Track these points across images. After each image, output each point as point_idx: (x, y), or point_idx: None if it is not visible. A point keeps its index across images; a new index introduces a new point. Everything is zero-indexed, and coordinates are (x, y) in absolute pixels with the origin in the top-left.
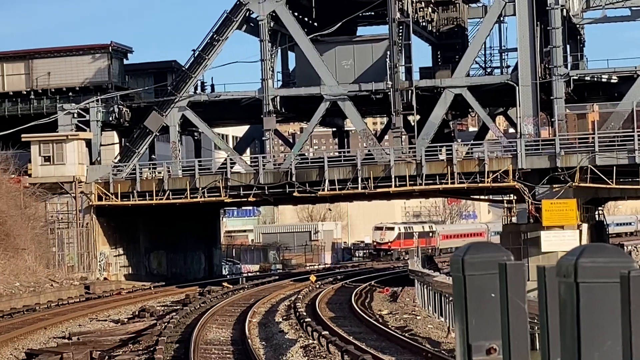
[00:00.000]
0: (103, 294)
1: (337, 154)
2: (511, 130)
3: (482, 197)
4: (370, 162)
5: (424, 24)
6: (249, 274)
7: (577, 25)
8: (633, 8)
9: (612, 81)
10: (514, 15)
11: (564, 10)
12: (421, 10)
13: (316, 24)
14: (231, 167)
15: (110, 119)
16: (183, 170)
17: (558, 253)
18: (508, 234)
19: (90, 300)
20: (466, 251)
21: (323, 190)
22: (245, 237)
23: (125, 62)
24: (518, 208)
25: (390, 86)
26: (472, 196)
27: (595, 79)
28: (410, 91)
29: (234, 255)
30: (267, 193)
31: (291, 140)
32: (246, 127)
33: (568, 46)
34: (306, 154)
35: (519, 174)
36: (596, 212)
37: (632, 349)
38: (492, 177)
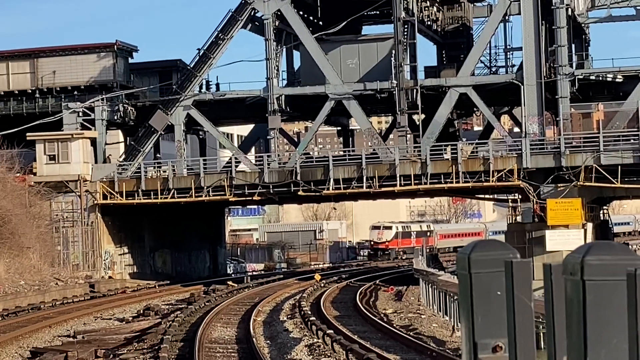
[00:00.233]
0: (108, 293)
1: (342, 153)
2: (516, 129)
3: (487, 197)
4: (375, 161)
5: (429, 23)
6: (254, 273)
7: (582, 24)
8: (638, 7)
9: (617, 80)
10: (519, 14)
11: (569, 9)
12: (426, 9)
13: (321, 23)
14: (236, 166)
15: (115, 118)
16: (188, 169)
17: (563, 252)
18: (513, 233)
19: (95, 298)
20: (472, 249)
21: (328, 189)
22: (250, 236)
23: (130, 61)
24: (523, 207)
25: (395, 85)
26: (477, 195)
27: (600, 78)
28: (415, 90)
29: (239, 254)
30: (272, 192)
31: (296, 139)
32: (251, 126)
33: (573, 45)
34: (311, 153)
35: (524, 173)
36: (601, 212)
37: (639, 346)
38: (497, 177)
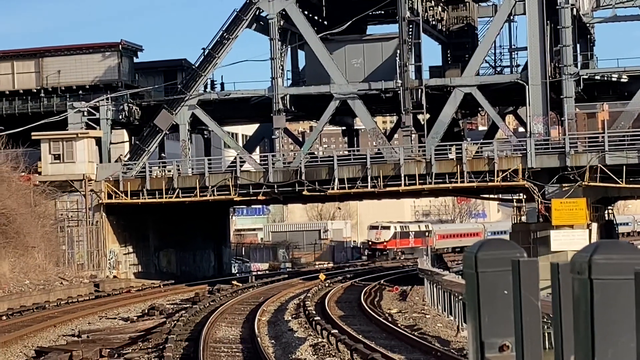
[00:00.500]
0: (113, 292)
1: (347, 153)
2: (521, 129)
3: (492, 196)
4: (379, 161)
5: (434, 23)
6: (258, 273)
7: (587, 24)
8: None
9: (622, 80)
10: (524, 14)
11: (574, 9)
12: (431, 9)
13: (326, 23)
14: (241, 166)
15: (120, 117)
16: (193, 168)
17: (567, 252)
18: (517, 233)
19: (99, 298)
20: (479, 248)
21: (332, 189)
22: (254, 236)
23: (135, 61)
24: (527, 207)
25: (400, 85)
26: (482, 195)
27: (605, 78)
28: (420, 90)
29: (244, 253)
30: (277, 192)
31: (301, 138)
32: (256, 126)
33: (578, 45)
34: (316, 153)
35: (529, 173)
36: (606, 212)
37: None
38: (502, 176)
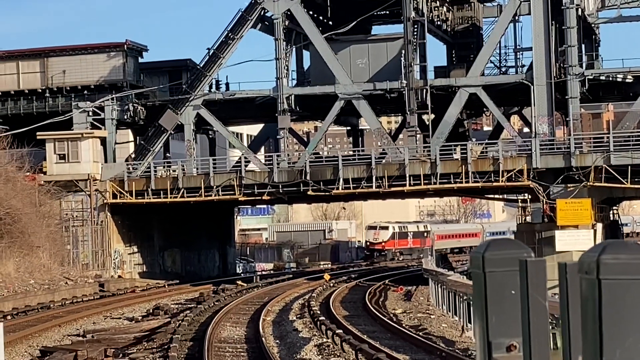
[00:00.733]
0: (117, 292)
1: (352, 153)
2: (526, 129)
3: (497, 197)
4: (384, 161)
5: (439, 23)
6: (263, 273)
7: (592, 24)
8: None
9: (627, 81)
10: (529, 14)
11: (579, 9)
12: (436, 9)
13: (331, 23)
14: (246, 166)
15: (125, 117)
16: (197, 168)
17: (572, 253)
18: (522, 233)
19: (104, 298)
20: (486, 248)
21: (337, 189)
22: (259, 236)
23: (140, 61)
24: (532, 207)
25: (404, 85)
26: (487, 195)
27: (610, 79)
28: (424, 90)
29: (248, 253)
30: (282, 191)
31: (305, 139)
32: (261, 126)
33: (583, 45)
34: (320, 153)
35: (534, 174)
36: (611, 212)
37: None
38: (507, 177)
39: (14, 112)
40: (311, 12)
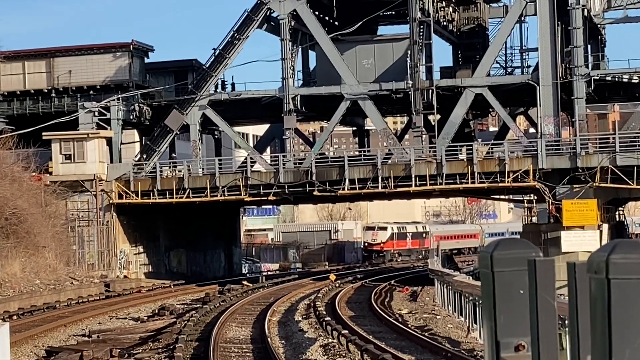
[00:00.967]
0: (123, 292)
1: (358, 153)
2: (532, 130)
3: (503, 197)
4: (390, 162)
5: (445, 24)
6: (269, 273)
7: (598, 25)
8: None
9: (633, 81)
10: (535, 15)
11: (585, 10)
12: (442, 9)
13: (337, 23)
14: (251, 166)
15: (131, 118)
16: (203, 168)
17: (578, 253)
18: (528, 234)
19: (110, 298)
20: (495, 247)
21: (343, 189)
22: (265, 236)
23: (146, 61)
24: (538, 208)
25: (410, 85)
26: (493, 196)
27: (616, 79)
28: (430, 90)
29: (254, 254)
30: (287, 192)
31: (311, 139)
32: (266, 126)
33: (589, 46)
34: (326, 153)
35: (540, 174)
36: (617, 213)
37: None
38: (513, 177)
39: (20, 112)
40: (317, 13)
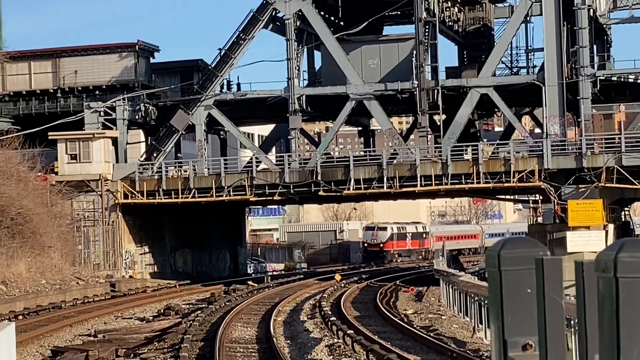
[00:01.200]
0: (128, 292)
1: (363, 153)
2: (537, 130)
3: (508, 197)
4: (395, 162)
5: (450, 24)
6: (274, 273)
7: (604, 25)
8: None
9: (639, 82)
10: (541, 15)
11: (591, 10)
12: (447, 9)
13: (342, 23)
14: (257, 166)
15: (136, 118)
16: (209, 168)
17: (584, 254)
18: (533, 234)
19: (115, 298)
20: (502, 246)
21: (348, 189)
22: (270, 236)
23: (151, 61)
24: (544, 208)
25: (416, 86)
26: (498, 196)
27: (622, 79)
28: (436, 91)
29: (259, 254)
30: (293, 192)
31: (317, 139)
32: (272, 126)
33: (595, 46)
34: (332, 153)
35: (545, 174)
36: (622, 213)
37: None
38: (518, 177)
39: (26, 112)
40: (322, 13)
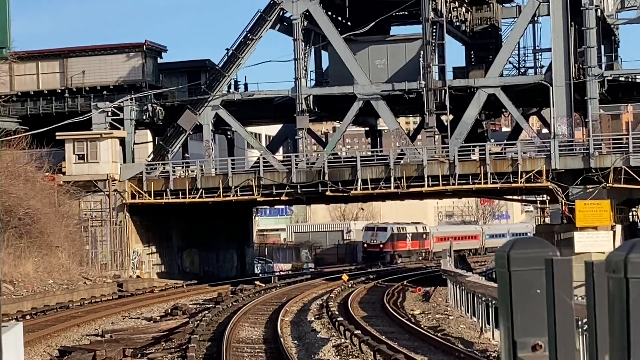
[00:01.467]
0: (136, 292)
1: (370, 154)
2: (545, 130)
3: (515, 198)
4: (403, 162)
5: (458, 24)
6: (281, 273)
7: (612, 25)
8: None
9: None
10: (548, 15)
11: (599, 10)
12: (455, 10)
13: (349, 23)
14: (264, 166)
15: (144, 118)
16: (216, 169)
17: (591, 254)
18: (541, 235)
19: (123, 298)
20: (512, 246)
21: (355, 189)
22: (277, 236)
23: (159, 61)
24: (551, 208)
25: (423, 86)
26: (505, 196)
27: (629, 80)
28: (443, 91)
29: (266, 254)
30: (300, 192)
31: (324, 139)
32: (279, 126)
33: (602, 46)
34: (339, 153)
35: (553, 175)
36: (630, 213)
37: None
38: (525, 178)
39: (34, 113)
40: (330, 13)
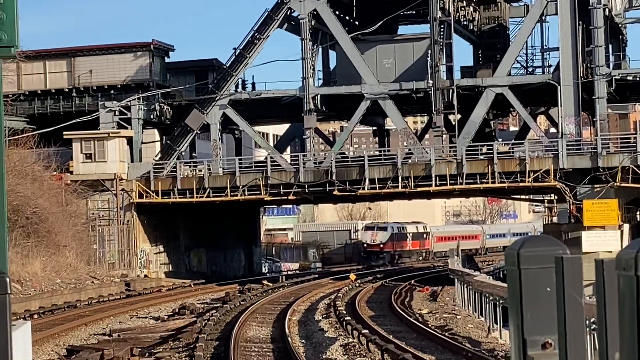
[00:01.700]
0: (143, 291)
1: (378, 153)
2: (552, 130)
3: (523, 197)
4: (410, 161)
5: (466, 23)
6: (289, 272)
7: (620, 24)
8: None
9: None
10: (556, 14)
11: (606, 9)
12: (462, 9)
13: (357, 23)
14: (271, 166)
15: (151, 117)
16: (223, 168)
17: (599, 253)
18: (549, 234)
19: (130, 297)
20: (522, 245)
21: (363, 189)
22: (285, 236)
23: (166, 60)
24: (559, 208)
25: (431, 85)
26: (513, 196)
27: (637, 79)
28: (451, 90)
29: (274, 253)
30: (307, 191)
31: (331, 138)
32: (287, 126)
33: (610, 46)
34: (346, 153)
35: (560, 174)
36: (638, 213)
37: None
38: (533, 177)
39: (41, 112)
40: (337, 12)
